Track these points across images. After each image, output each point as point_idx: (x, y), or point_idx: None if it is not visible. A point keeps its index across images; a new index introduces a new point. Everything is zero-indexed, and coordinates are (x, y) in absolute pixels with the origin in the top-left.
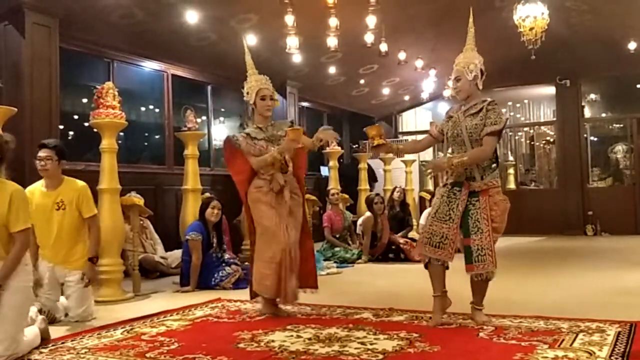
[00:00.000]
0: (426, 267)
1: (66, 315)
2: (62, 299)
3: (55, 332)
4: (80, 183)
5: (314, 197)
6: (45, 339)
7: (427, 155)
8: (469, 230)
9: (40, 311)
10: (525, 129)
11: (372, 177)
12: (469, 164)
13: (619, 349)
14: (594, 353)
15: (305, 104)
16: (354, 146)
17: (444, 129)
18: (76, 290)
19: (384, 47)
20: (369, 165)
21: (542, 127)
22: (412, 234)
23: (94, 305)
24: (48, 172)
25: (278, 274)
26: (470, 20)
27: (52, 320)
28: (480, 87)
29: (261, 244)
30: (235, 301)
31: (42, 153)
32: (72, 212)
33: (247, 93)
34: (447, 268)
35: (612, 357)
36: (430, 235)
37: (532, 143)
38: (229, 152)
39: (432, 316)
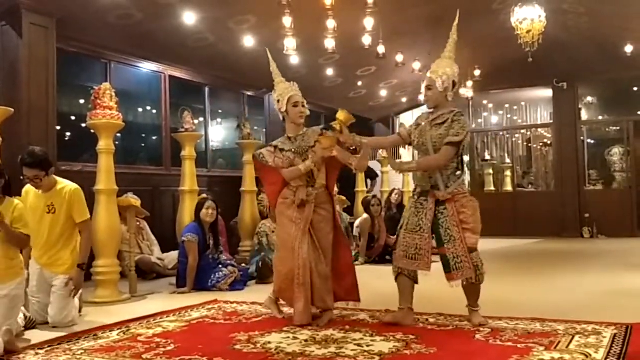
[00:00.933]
0: (396, 279)
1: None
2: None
3: (42, 336)
4: (72, 186)
5: None
6: (11, 352)
7: None
8: (442, 240)
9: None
10: (523, 131)
11: (370, 174)
12: (417, 170)
13: (614, 351)
14: (590, 355)
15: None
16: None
17: (412, 135)
18: (58, 296)
19: (381, 49)
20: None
21: (539, 130)
22: None
23: (81, 308)
24: (42, 186)
25: (293, 289)
26: (455, 25)
27: (32, 327)
28: (450, 99)
29: (280, 256)
30: (231, 302)
31: (28, 173)
32: (62, 216)
33: (278, 101)
34: (417, 283)
35: (608, 359)
36: (405, 248)
37: (529, 145)
38: (258, 165)
39: (389, 314)
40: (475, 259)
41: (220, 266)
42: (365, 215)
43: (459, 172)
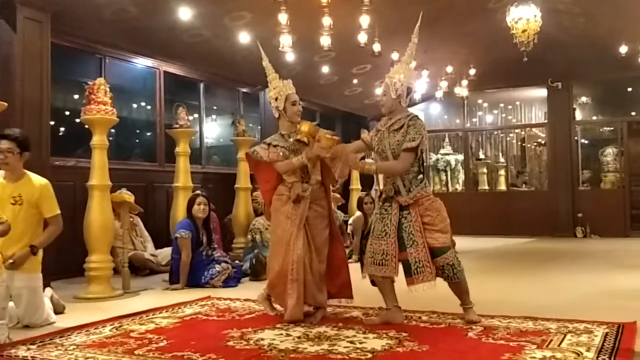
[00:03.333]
0: (373, 284)
1: (17, 322)
2: (11, 303)
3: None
4: (42, 180)
5: None
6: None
7: None
8: (404, 244)
9: None
10: (517, 130)
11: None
12: (375, 172)
13: (606, 350)
14: (582, 354)
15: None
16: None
17: (373, 142)
18: (26, 299)
19: (377, 47)
20: None
21: (534, 129)
22: None
23: (64, 307)
24: (9, 166)
25: (284, 285)
26: (416, 29)
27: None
28: (405, 105)
29: (274, 252)
30: (224, 299)
31: (2, 145)
32: (28, 209)
33: (276, 99)
34: (394, 281)
35: (599, 358)
36: (372, 254)
37: (524, 145)
38: (253, 163)
39: (377, 317)
40: (449, 257)
41: (214, 263)
42: (358, 213)
43: (420, 176)
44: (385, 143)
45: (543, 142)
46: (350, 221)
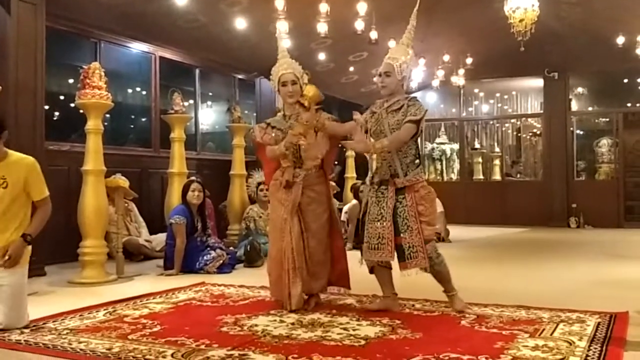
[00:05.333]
0: (371, 272)
1: None
2: None
3: None
4: (28, 159)
5: None
6: None
7: None
8: (398, 229)
9: None
10: (512, 120)
11: None
12: (389, 149)
13: (598, 339)
14: (574, 342)
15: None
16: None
17: (367, 125)
18: (8, 298)
19: (374, 34)
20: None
21: (529, 119)
22: None
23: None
24: None
25: (278, 273)
26: (414, 11)
27: None
28: (405, 87)
29: (271, 239)
30: (219, 285)
31: None
32: (14, 192)
33: (272, 79)
34: (391, 268)
35: (591, 347)
36: (368, 238)
37: (519, 135)
38: (256, 143)
39: (377, 302)
40: (429, 250)
41: (208, 249)
42: (354, 201)
43: (417, 161)
44: (384, 124)
45: (538, 132)
46: (345, 209)
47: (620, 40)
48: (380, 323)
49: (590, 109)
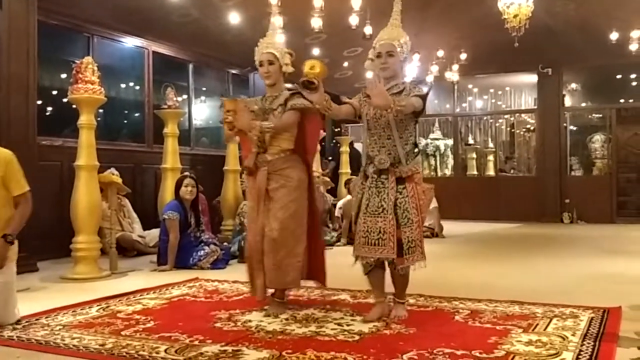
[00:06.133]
0: (366, 274)
1: None
2: None
3: None
4: (5, 153)
5: None
6: None
7: None
8: (398, 222)
9: None
10: (506, 116)
11: (358, 162)
12: (406, 110)
13: (591, 334)
14: (567, 337)
15: (288, 84)
16: (337, 129)
17: (363, 110)
18: None
19: (368, 30)
20: (355, 149)
21: (523, 115)
22: None
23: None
24: None
25: (249, 266)
26: None
27: None
28: (403, 72)
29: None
30: (212, 281)
31: None
32: None
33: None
34: (385, 270)
35: (584, 342)
36: (367, 233)
37: (513, 130)
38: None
39: (366, 316)
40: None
41: (202, 244)
42: (348, 197)
43: (416, 150)
44: None
45: (532, 128)
46: (339, 205)
47: (614, 36)
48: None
49: (583, 104)
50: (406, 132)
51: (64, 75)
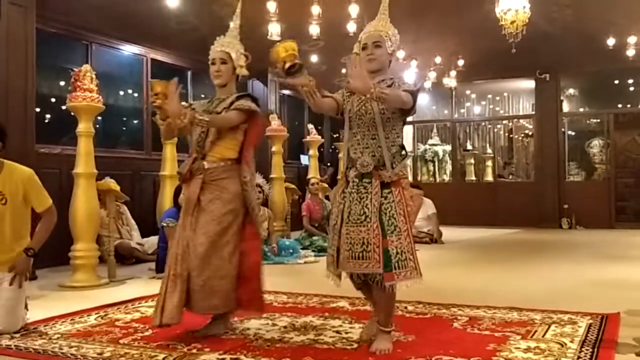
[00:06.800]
0: (358, 288)
1: None
2: None
3: None
4: (26, 171)
5: (293, 186)
6: None
7: (407, 146)
8: (384, 230)
9: None
10: (504, 121)
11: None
12: (387, 98)
13: (589, 341)
14: (566, 344)
15: (286, 92)
16: (335, 135)
17: (345, 106)
18: (7, 298)
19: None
20: None
21: (521, 121)
22: None
23: (26, 305)
24: None
25: (164, 286)
26: None
27: None
28: (390, 65)
29: None
30: None
31: None
32: (15, 206)
33: None
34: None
35: (582, 349)
36: (350, 245)
37: (511, 136)
38: None
39: (365, 332)
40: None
41: None
42: None
43: (403, 152)
44: (372, 104)
45: (530, 133)
46: None
47: (611, 41)
48: None
49: (581, 110)
50: (393, 132)
51: (62, 83)
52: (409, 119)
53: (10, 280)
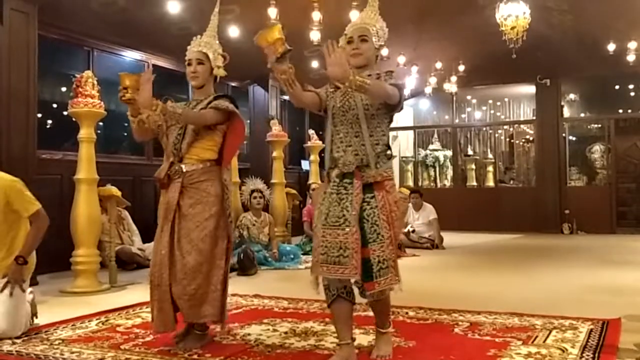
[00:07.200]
0: (329, 305)
1: None
2: None
3: None
4: (7, 178)
5: (293, 191)
6: None
7: (408, 151)
8: (365, 238)
9: None
10: (505, 127)
11: None
12: (369, 88)
13: (590, 346)
14: (567, 350)
15: (287, 97)
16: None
17: (328, 102)
18: (4, 302)
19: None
20: None
21: (522, 126)
22: None
23: (36, 314)
24: None
25: (151, 295)
26: None
27: None
28: (377, 61)
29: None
30: None
31: None
32: (2, 216)
33: None
34: (354, 302)
35: (583, 354)
36: (326, 249)
37: (512, 141)
38: None
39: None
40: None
41: None
42: None
43: (389, 152)
44: (356, 99)
45: (531, 138)
46: None
47: (611, 47)
48: (373, 331)
49: (582, 115)
50: (378, 130)
51: (64, 89)
52: (410, 122)
53: (1, 287)
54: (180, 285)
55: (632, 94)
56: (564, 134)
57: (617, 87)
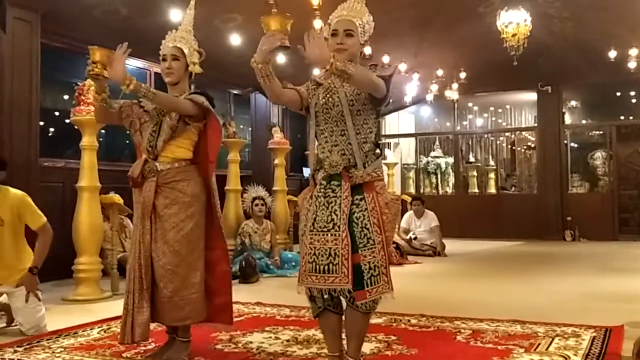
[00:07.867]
0: (316, 317)
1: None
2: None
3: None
4: (18, 194)
5: (295, 199)
6: None
7: (410, 158)
8: (355, 243)
9: None
10: (507, 134)
11: None
12: (352, 75)
13: (593, 354)
14: (569, 357)
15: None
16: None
17: (311, 100)
18: (24, 307)
19: (367, 50)
20: None
21: (524, 133)
22: (395, 237)
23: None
24: None
25: (126, 301)
26: None
27: None
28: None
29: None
30: None
31: None
32: (12, 227)
33: None
34: (342, 314)
35: None
36: (314, 256)
37: (513, 148)
38: None
39: None
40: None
41: None
42: None
43: (378, 151)
44: (339, 94)
45: (533, 145)
46: None
47: (613, 54)
48: (375, 339)
49: (583, 122)
50: (364, 127)
51: (66, 97)
52: (411, 129)
53: (25, 297)
54: (157, 287)
55: (634, 100)
56: (565, 141)
57: (618, 93)
